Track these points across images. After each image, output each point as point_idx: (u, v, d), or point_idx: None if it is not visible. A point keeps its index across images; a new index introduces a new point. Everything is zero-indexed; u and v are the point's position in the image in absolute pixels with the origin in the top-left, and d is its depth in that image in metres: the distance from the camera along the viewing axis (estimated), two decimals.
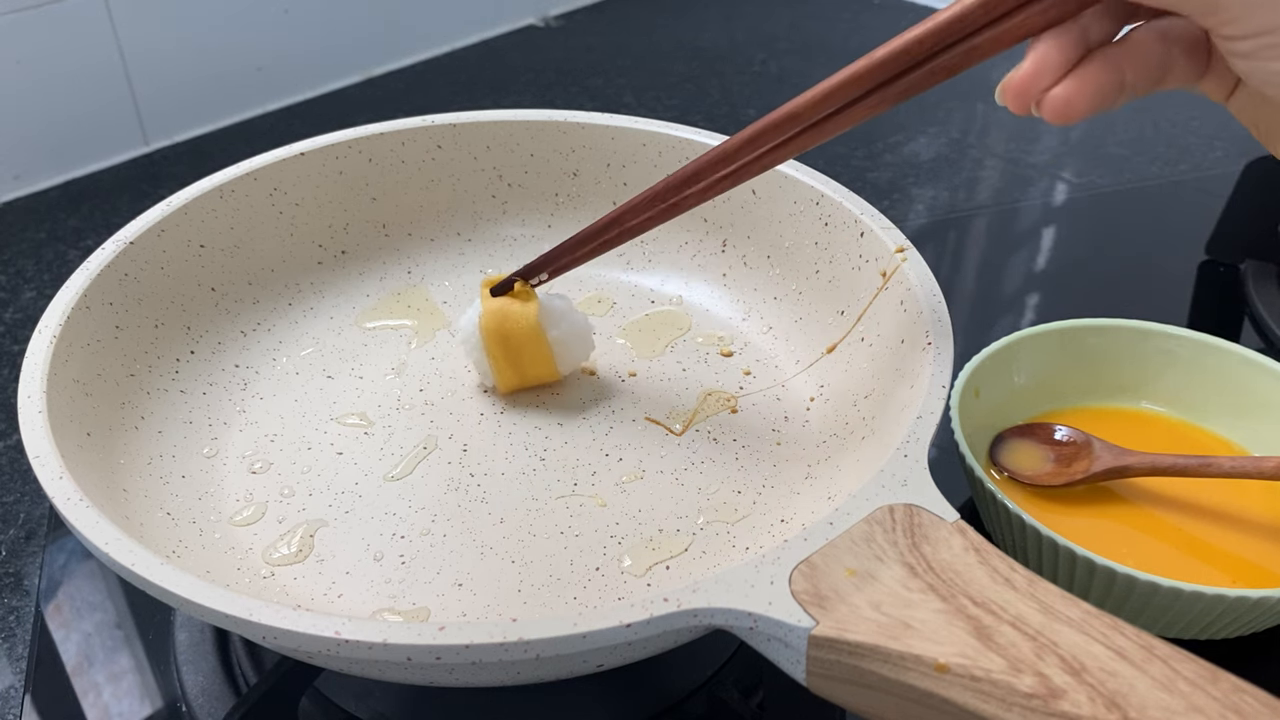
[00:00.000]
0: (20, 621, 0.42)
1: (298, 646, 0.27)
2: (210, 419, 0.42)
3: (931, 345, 0.35)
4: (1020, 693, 0.24)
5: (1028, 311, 0.59)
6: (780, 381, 0.45)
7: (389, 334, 0.48)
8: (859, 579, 0.27)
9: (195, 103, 0.76)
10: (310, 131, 0.48)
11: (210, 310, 0.45)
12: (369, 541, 0.38)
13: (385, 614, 0.35)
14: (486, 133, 0.49)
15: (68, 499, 0.31)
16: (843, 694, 0.27)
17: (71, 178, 0.72)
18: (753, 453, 0.41)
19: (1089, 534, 0.40)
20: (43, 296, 0.60)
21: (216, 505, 0.39)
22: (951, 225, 0.66)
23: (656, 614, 0.27)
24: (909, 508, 0.29)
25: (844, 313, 0.43)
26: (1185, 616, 0.37)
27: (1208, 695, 0.23)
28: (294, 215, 0.47)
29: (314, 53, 0.81)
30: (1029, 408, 0.46)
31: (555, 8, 0.96)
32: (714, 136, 0.47)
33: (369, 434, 0.42)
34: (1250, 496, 0.43)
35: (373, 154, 0.48)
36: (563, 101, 0.81)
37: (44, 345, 0.36)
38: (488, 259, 0.51)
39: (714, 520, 0.39)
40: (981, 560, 0.27)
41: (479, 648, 0.26)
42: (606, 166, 0.49)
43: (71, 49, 0.68)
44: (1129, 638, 0.24)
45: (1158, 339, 0.46)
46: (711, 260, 0.49)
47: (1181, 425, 0.46)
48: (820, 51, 0.89)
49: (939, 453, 0.44)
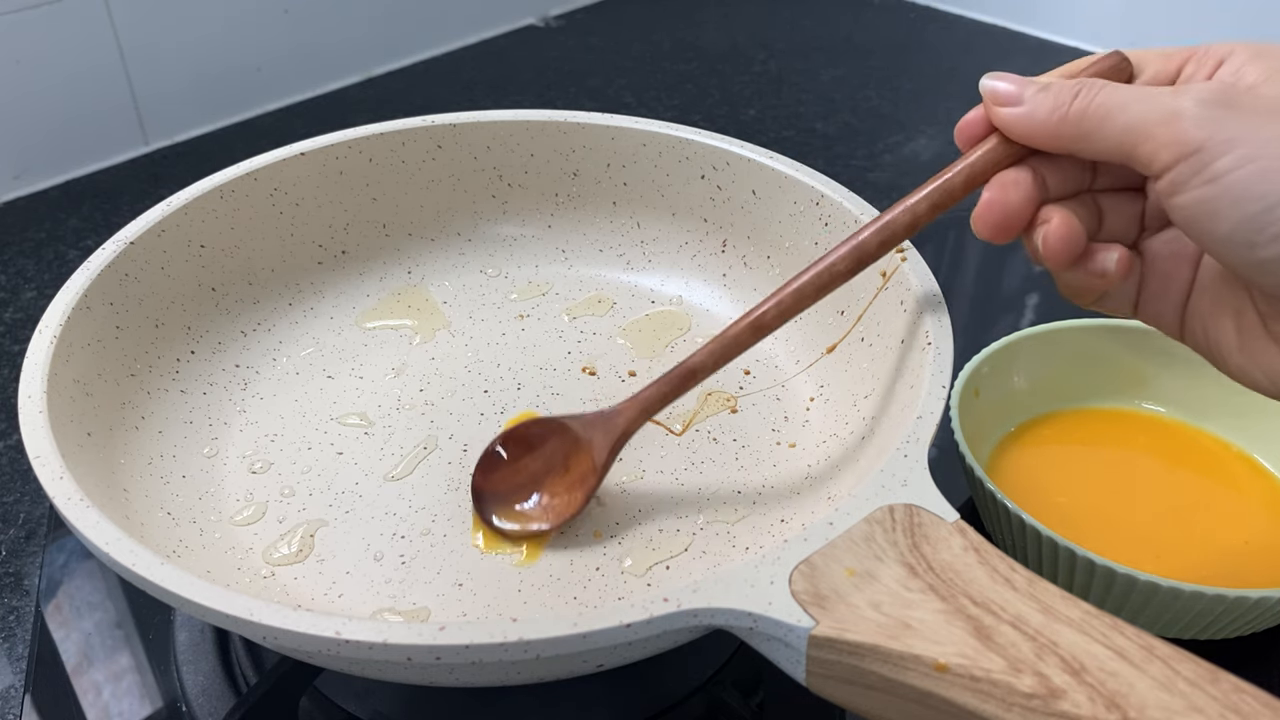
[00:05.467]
0: (20, 621, 0.42)
1: (298, 646, 0.27)
2: (210, 419, 0.42)
3: (931, 345, 0.35)
4: (1020, 693, 0.24)
5: (1028, 311, 0.59)
6: (780, 381, 0.45)
7: (389, 334, 0.48)
8: (859, 579, 0.27)
9: (195, 103, 0.76)
10: (310, 131, 0.48)
11: (210, 310, 0.45)
12: (369, 541, 0.38)
13: (385, 614, 0.35)
14: (486, 133, 0.49)
15: (68, 499, 0.30)
16: (843, 694, 0.27)
17: (71, 178, 0.72)
18: (753, 453, 0.41)
19: (1090, 534, 0.41)
20: (43, 296, 0.60)
21: (217, 505, 0.39)
22: (951, 225, 0.66)
23: (656, 614, 0.27)
24: (909, 508, 0.29)
25: (844, 313, 0.43)
26: (1185, 616, 0.37)
27: (1208, 695, 0.23)
28: (294, 215, 0.47)
29: (314, 53, 0.81)
30: (1029, 408, 0.46)
31: (555, 8, 0.96)
32: (714, 137, 0.47)
33: (369, 434, 0.42)
34: (1252, 496, 0.43)
35: (373, 154, 0.48)
36: (563, 101, 0.81)
37: (44, 345, 0.36)
38: (488, 259, 0.51)
39: (714, 520, 0.39)
40: (981, 560, 0.27)
41: (479, 648, 0.26)
42: (606, 166, 0.49)
43: (71, 49, 0.68)
44: (1129, 638, 0.24)
45: (1158, 339, 0.46)
46: (711, 260, 0.49)
47: (1181, 425, 0.46)
48: (820, 51, 0.89)
49: (939, 453, 0.44)
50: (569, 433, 0.38)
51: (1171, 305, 0.32)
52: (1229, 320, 0.30)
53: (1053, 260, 0.31)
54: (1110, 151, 0.29)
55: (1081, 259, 0.31)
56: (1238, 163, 0.26)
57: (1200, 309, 0.31)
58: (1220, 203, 0.26)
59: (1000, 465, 0.44)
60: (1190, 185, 0.27)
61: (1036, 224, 0.31)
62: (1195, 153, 0.26)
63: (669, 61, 0.88)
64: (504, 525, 0.38)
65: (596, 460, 0.38)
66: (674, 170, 0.48)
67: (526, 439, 0.39)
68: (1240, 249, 0.27)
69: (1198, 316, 0.31)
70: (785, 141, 0.75)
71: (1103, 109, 0.28)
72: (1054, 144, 0.30)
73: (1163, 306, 0.32)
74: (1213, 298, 0.30)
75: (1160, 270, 0.32)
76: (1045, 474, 0.44)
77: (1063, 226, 0.30)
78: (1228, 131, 0.26)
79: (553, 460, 0.39)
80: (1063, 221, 0.30)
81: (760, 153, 0.46)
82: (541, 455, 0.39)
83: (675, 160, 0.48)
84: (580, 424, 0.38)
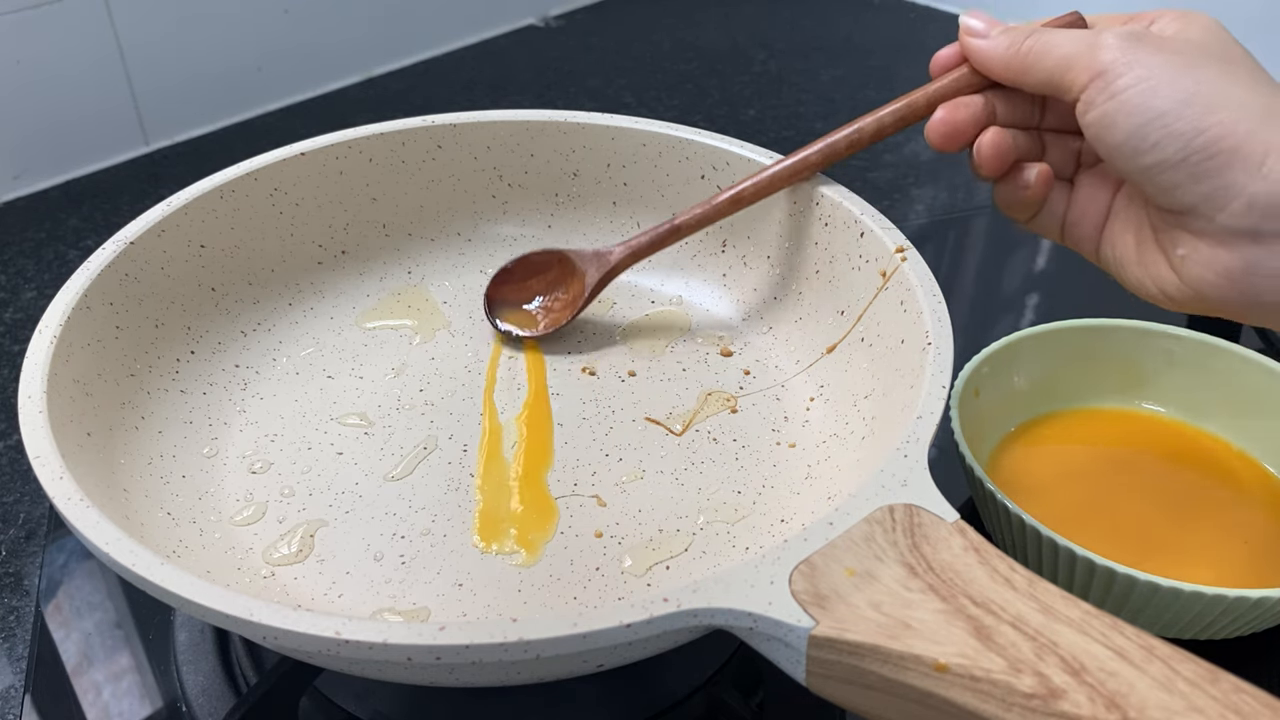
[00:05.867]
0: (20, 621, 0.42)
1: (298, 646, 0.27)
2: (210, 419, 0.42)
3: (931, 345, 0.35)
4: (1020, 693, 0.24)
5: (1028, 311, 0.59)
6: (780, 381, 0.45)
7: (389, 334, 0.48)
8: (859, 579, 0.27)
9: (195, 103, 0.76)
10: (310, 131, 0.48)
11: (210, 310, 0.45)
12: (369, 541, 0.38)
13: (385, 614, 0.35)
14: (486, 133, 0.49)
15: (68, 499, 0.30)
16: (843, 694, 0.27)
17: (72, 178, 0.72)
18: (753, 453, 0.41)
19: (1090, 534, 0.40)
20: (43, 296, 0.60)
21: (217, 505, 0.39)
22: (951, 225, 0.66)
23: (656, 614, 0.27)
24: (909, 508, 0.29)
25: (844, 313, 0.43)
26: (1185, 616, 0.37)
27: (1207, 695, 0.23)
28: (294, 215, 0.47)
29: (314, 53, 0.81)
30: (1029, 408, 0.46)
31: (555, 8, 0.96)
32: (714, 137, 0.47)
33: (369, 434, 0.42)
34: (1252, 496, 0.43)
35: (373, 154, 0.48)
36: (563, 101, 0.81)
37: (44, 345, 0.36)
38: (488, 259, 0.51)
39: (714, 520, 0.39)
40: (981, 560, 0.27)
41: (479, 648, 0.26)
42: (606, 166, 0.49)
43: (71, 49, 0.68)
44: (1129, 638, 0.24)
45: (1157, 339, 0.46)
46: (711, 260, 0.49)
47: (1181, 425, 0.46)
48: (820, 51, 0.89)
49: (939, 453, 0.44)
50: (568, 262, 0.46)
51: (1091, 228, 0.37)
52: (1130, 236, 0.35)
53: (984, 166, 0.36)
54: (1045, 82, 0.34)
55: (1010, 173, 0.37)
56: (1133, 82, 0.31)
57: (1112, 230, 0.36)
58: (1118, 115, 0.32)
59: (1000, 465, 0.44)
60: (1096, 102, 0.32)
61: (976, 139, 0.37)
62: (1102, 74, 0.32)
63: (669, 61, 0.88)
64: (506, 326, 0.47)
65: (587, 286, 0.46)
66: (674, 170, 0.48)
67: (532, 263, 0.47)
68: (1131, 157, 0.32)
69: (1109, 237, 0.36)
70: (785, 141, 0.75)
71: (1044, 45, 0.34)
72: (1004, 75, 0.36)
73: (1083, 230, 0.37)
74: (1122, 220, 0.36)
75: (1084, 198, 0.37)
76: (1045, 474, 0.44)
77: (994, 137, 0.36)
78: (1130, 57, 0.32)
79: (553, 282, 0.47)
80: (995, 134, 0.36)
81: (760, 153, 0.46)
82: (545, 279, 0.47)
83: (675, 160, 0.48)
84: (578, 256, 0.46)
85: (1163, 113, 0.31)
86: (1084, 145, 0.37)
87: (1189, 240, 0.32)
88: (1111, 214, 0.36)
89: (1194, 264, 0.32)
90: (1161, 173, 0.31)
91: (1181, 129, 0.30)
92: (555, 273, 0.47)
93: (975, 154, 0.36)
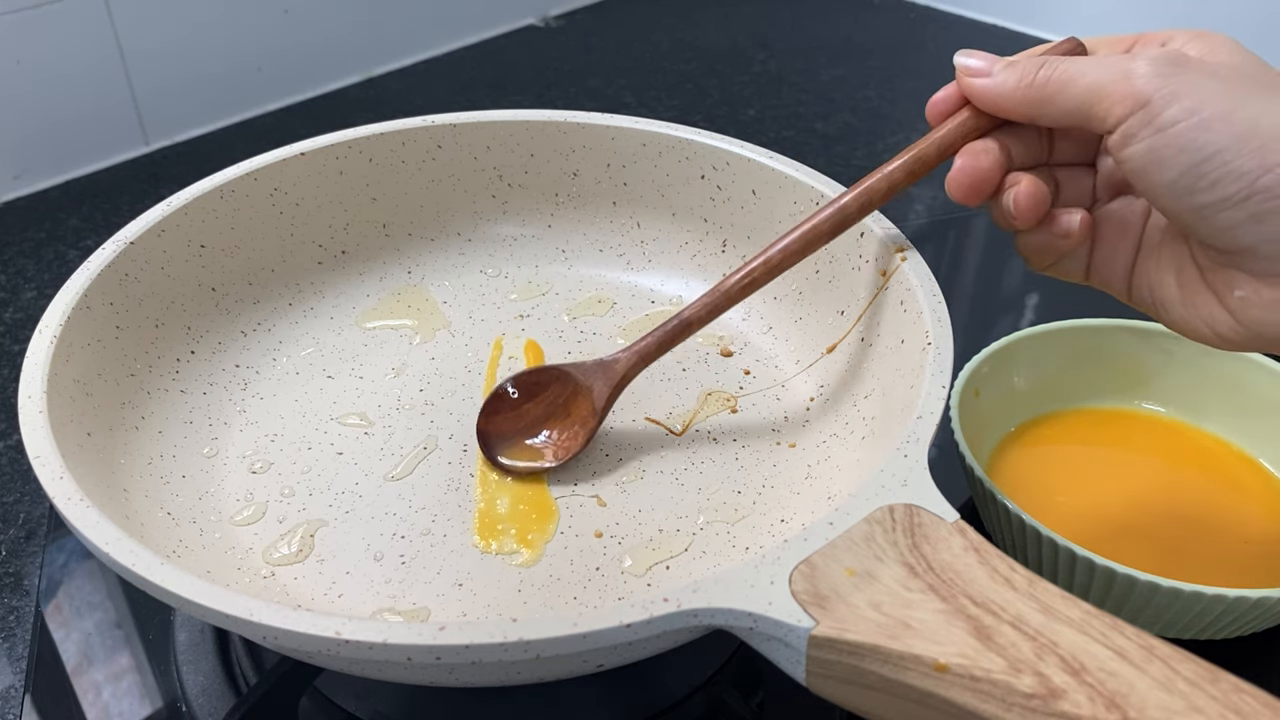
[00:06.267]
0: (20, 621, 0.42)
1: (298, 646, 0.27)
2: (210, 419, 0.42)
3: (931, 345, 0.35)
4: (1020, 693, 0.24)
5: (1028, 311, 0.59)
6: (780, 381, 0.45)
7: (389, 334, 0.48)
8: (859, 579, 0.27)
9: (195, 103, 0.76)
10: (310, 131, 0.48)
11: (210, 310, 0.45)
12: (369, 541, 0.38)
13: (385, 614, 0.35)
14: (486, 133, 0.49)
15: (68, 499, 0.30)
16: (843, 694, 0.27)
17: (71, 178, 0.72)
18: (753, 453, 0.41)
19: (1089, 534, 0.41)
20: (43, 296, 0.60)
21: (217, 505, 0.39)
22: (951, 225, 0.66)
23: (656, 614, 0.27)
24: (909, 508, 0.29)
25: (844, 313, 0.43)
26: (1185, 616, 0.37)
27: (1208, 695, 0.23)
28: (294, 215, 0.47)
29: (314, 53, 0.81)
30: (1029, 408, 0.46)
31: (555, 8, 0.96)
32: (714, 137, 0.47)
33: (369, 434, 0.42)
34: (1252, 496, 0.43)
35: (373, 154, 0.48)
36: (563, 101, 0.81)
37: (44, 345, 0.36)
38: (488, 259, 0.51)
39: (714, 520, 0.39)
40: (981, 560, 0.27)
41: (479, 648, 0.26)
42: (606, 166, 0.49)
43: (71, 49, 0.68)
44: (1129, 638, 0.24)
45: (1157, 339, 0.46)
46: (711, 260, 0.49)
47: (1181, 425, 0.46)
48: (820, 51, 0.89)
49: (939, 453, 0.44)
50: (570, 379, 0.41)
51: (1120, 268, 0.34)
52: (1171, 276, 0.32)
53: (1022, 218, 0.33)
54: (1070, 114, 0.31)
55: (1045, 221, 0.34)
56: (1183, 114, 0.28)
57: (1145, 269, 0.33)
58: (1167, 151, 0.29)
59: (1000, 465, 0.44)
60: (1140, 136, 0.29)
61: (1005, 188, 0.34)
62: (1145, 105, 0.29)
63: (669, 61, 0.88)
64: (510, 463, 0.40)
65: (597, 404, 0.40)
66: (674, 170, 0.48)
67: (529, 385, 0.41)
68: (1183, 196, 0.29)
69: (1143, 276, 0.34)
70: (785, 141, 0.75)
71: (1065, 75, 0.31)
72: (1020, 111, 0.33)
73: (1112, 270, 0.34)
74: (1157, 258, 0.33)
75: (1109, 236, 0.34)
76: (1045, 474, 0.44)
77: (1031, 187, 0.33)
78: (1173, 86, 0.29)
79: (554, 405, 0.41)
80: (1031, 183, 0.33)
81: (760, 153, 0.46)
82: (543, 401, 0.41)
83: (675, 160, 0.48)
84: (580, 371, 0.41)
85: (1221, 149, 0.28)
86: (1099, 179, 0.35)
87: (1247, 282, 0.30)
88: (1142, 252, 0.34)
89: (1254, 306, 0.30)
90: (1219, 212, 0.29)
91: (1245, 167, 0.28)
92: (554, 392, 0.41)
93: (1011, 206, 0.33)
